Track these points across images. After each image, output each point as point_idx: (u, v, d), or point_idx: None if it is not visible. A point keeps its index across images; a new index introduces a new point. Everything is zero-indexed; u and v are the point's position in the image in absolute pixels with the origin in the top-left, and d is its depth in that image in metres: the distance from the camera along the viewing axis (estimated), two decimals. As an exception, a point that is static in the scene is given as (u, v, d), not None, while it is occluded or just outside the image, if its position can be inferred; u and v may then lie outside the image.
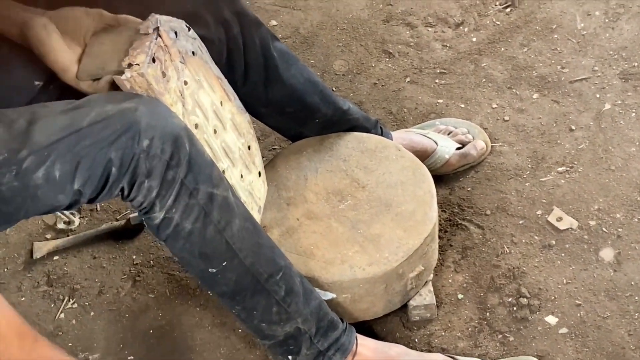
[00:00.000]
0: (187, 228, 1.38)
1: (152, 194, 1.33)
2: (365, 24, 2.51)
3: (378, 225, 1.68)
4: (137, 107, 1.30)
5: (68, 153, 1.26)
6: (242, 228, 1.43)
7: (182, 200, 1.35)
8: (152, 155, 1.29)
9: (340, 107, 1.85)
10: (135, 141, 1.28)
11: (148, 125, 1.29)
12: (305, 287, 1.54)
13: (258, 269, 1.45)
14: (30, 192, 1.27)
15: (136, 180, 1.31)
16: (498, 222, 1.93)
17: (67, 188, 1.28)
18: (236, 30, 1.67)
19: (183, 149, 1.32)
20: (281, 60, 1.75)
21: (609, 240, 1.84)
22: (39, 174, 1.26)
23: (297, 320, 1.52)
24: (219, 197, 1.39)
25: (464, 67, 2.31)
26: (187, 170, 1.34)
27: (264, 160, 2.11)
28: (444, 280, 1.85)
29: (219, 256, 1.42)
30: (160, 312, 1.92)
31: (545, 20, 2.36)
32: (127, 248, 2.06)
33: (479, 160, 2.05)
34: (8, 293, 2.00)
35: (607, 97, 2.12)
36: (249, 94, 1.75)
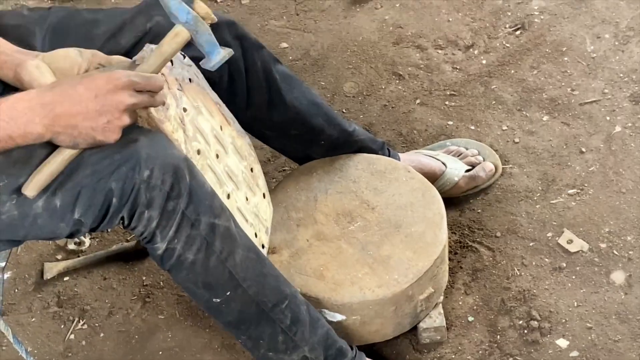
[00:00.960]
0: (189, 258, 1.38)
1: (152, 224, 1.33)
2: (375, 46, 2.51)
3: (388, 246, 1.68)
4: (137, 137, 1.30)
5: (69, 182, 1.27)
6: (246, 258, 1.43)
7: (184, 231, 1.35)
8: (153, 185, 1.30)
9: (346, 129, 1.85)
10: (136, 172, 1.28)
11: (148, 156, 1.29)
12: (312, 315, 1.53)
13: (262, 298, 1.45)
14: (29, 221, 1.29)
15: (136, 210, 1.31)
16: (508, 244, 1.92)
17: (67, 217, 1.29)
18: (237, 54, 1.67)
19: (183, 180, 1.33)
20: (284, 82, 1.75)
21: (620, 263, 1.83)
22: (39, 203, 1.27)
23: (304, 348, 1.51)
24: (220, 227, 1.39)
25: (474, 89, 2.31)
26: (187, 201, 1.34)
27: (274, 181, 2.12)
28: (454, 303, 1.84)
29: (222, 286, 1.43)
30: (169, 333, 1.92)
31: (555, 42, 2.37)
32: (137, 269, 2.06)
33: (488, 182, 2.04)
34: (18, 313, 2.01)
35: (618, 120, 2.12)
36: (253, 117, 1.76)
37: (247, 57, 1.69)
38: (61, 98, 1.23)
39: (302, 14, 2.70)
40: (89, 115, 1.23)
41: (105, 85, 1.23)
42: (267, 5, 2.75)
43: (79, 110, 1.22)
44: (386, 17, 2.60)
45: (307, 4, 2.73)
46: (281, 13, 2.72)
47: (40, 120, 1.22)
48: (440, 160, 2.00)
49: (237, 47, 1.67)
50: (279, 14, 2.71)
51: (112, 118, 1.24)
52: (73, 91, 1.23)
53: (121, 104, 1.24)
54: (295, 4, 2.74)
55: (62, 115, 1.22)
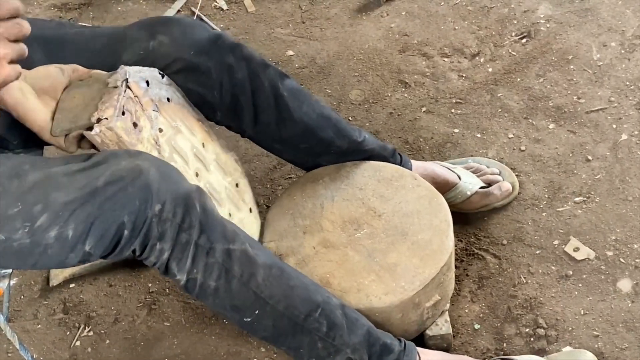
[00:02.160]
0: (212, 286, 1.40)
1: (163, 256, 1.36)
2: (381, 54, 2.52)
3: (394, 254, 1.68)
4: (149, 169, 1.32)
5: (82, 213, 1.28)
6: (269, 276, 1.44)
7: (201, 260, 1.38)
8: (164, 219, 1.32)
9: (355, 139, 1.85)
10: (148, 205, 1.30)
11: (159, 190, 1.31)
12: (349, 317, 1.52)
13: (293, 311, 1.46)
14: (40, 250, 1.30)
15: (148, 242, 1.34)
16: (515, 252, 1.92)
17: (78, 248, 1.31)
18: (241, 75, 1.67)
19: (194, 211, 1.35)
20: (292, 98, 1.75)
21: (627, 271, 1.83)
22: (52, 233, 1.28)
23: (346, 351, 1.51)
24: (236, 252, 1.41)
25: (480, 97, 2.31)
26: (200, 232, 1.36)
27: (280, 188, 2.13)
28: (460, 310, 1.84)
29: (250, 307, 1.45)
30: (175, 340, 1.91)
31: (561, 51, 2.37)
32: (143, 276, 2.06)
33: (503, 202, 2.01)
34: (24, 320, 2.01)
35: (624, 128, 2.12)
36: (261, 133, 1.77)
37: (253, 78, 1.69)
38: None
39: (308, 21, 2.70)
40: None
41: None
42: (273, 13, 2.76)
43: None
44: (392, 25, 2.60)
45: (313, 11, 2.73)
46: (287, 21, 2.73)
47: None
48: (456, 173, 1.99)
49: (244, 69, 1.68)
50: (285, 22, 2.72)
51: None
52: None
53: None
54: (302, 11, 2.74)
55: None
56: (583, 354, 1.67)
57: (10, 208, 1.27)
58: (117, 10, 2.92)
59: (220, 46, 1.65)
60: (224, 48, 1.66)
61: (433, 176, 1.95)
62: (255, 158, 2.27)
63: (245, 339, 1.88)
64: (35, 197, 1.28)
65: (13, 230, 1.28)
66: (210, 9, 2.83)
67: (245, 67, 1.68)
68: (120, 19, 2.87)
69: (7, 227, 1.28)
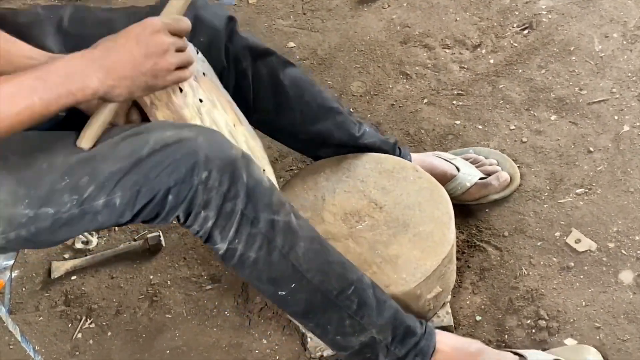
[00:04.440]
0: (251, 257, 1.41)
1: (207, 224, 1.36)
2: (382, 45, 2.51)
3: (395, 246, 1.68)
4: (197, 137, 1.32)
5: (128, 181, 1.30)
6: (308, 249, 1.45)
7: (244, 230, 1.38)
8: (210, 187, 1.33)
9: (354, 134, 1.85)
10: (195, 172, 1.31)
11: (207, 157, 1.31)
12: (379, 297, 1.53)
13: (328, 286, 1.47)
14: (89, 217, 1.32)
15: (192, 210, 1.34)
16: (516, 243, 1.92)
17: (126, 214, 1.33)
18: (245, 63, 1.69)
19: (240, 180, 1.35)
20: (293, 87, 1.76)
21: (628, 262, 1.83)
22: (100, 201, 1.30)
23: (372, 330, 1.52)
24: (280, 222, 1.41)
25: (482, 89, 2.31)
26: (246, 201, 1.36)
27: (282, 180, 2.13)
28: (461, 302, 1.84)
29: (286, 279, 1.45)
30: (177, 332, 1.92)
31: (563, 42, 2.36)
32: (144, 268, 2.06)
33: (502, 193, 2.01)
34: (26, 312, 2.01)
35: (626, 119, 2.11)
36: (260, 121, 1.78)
37: (254, 66, 1.71)
38: (107, 52, 1.27)
39: (309, 13, 2.70)
40: (137, 61, 1.27)
41: (142, 31, 1.28)
42: (275, 4, 2.76)
43: (126, 58, 1.26)
44: (393, 16, 2.60)
45: (314, 3, 2.73)
46: (288, 12, 2.72)
47: (94, 74, 1.25)
48: (455, 165, 1.99)
49: (246, 58, 1.69)
50: (286, 14, 2.71)
51: (158, 59, 1.28)
52: (115, 44, 1.28)
53: (164, 44, 1.28)
54: (303, 3, 2.74)
55: (112, 67, 1.26)
56: (586, 349, 1.67)
57: (57, 183, 1.29)
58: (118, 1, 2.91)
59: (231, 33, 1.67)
60: (235, 34, 1.67)
61: (431, 168, 1.94)
62: (257, 150, 2.27)
63: (247, 331, 1.88)
64: (81, 170, 1.30)
65: (62, 204, 1.30)
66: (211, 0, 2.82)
67: (249, 56, 1.69)
68: (121, 11, 2.86)
69: (55, 201, 1.30)
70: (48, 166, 1.30)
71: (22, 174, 1.30)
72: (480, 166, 2.04)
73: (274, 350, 1.84)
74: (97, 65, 1.25)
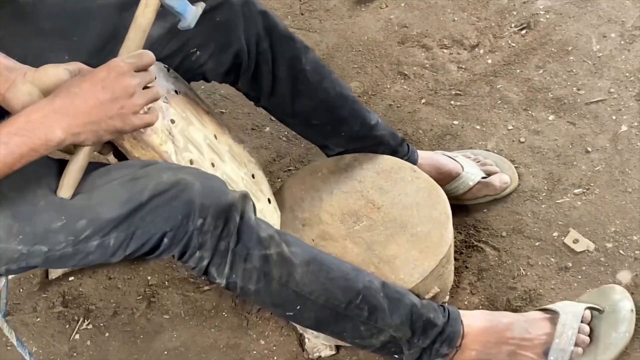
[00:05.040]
0: (251, 289, 1.43)
1: (203, 263, 1.39)
2: (380, 45, 2.51)
3: (393, 246, 1.68)
4: (194, 183, 1.34)
5: (125, 225, 1.31)
6: (307, 273, 1.46)
7: (239, 267, 1.40)
8: (205, 231, 1.35)
9: (368, 122, 1.86)
10: (190, 219, 1.33)
11: (202, 205, 1.33)
12: (391, 298, 1.54)
13: (334, 302, 1.48)
14: (81, 256, 1.33)
15: (187, 250, 1.37)
16: (514, 244, 1.92)
17: (118, 253, 1.34)
18: (266, 44, 1.69)
19: (233, 221, 1.37)
20: (313, 73, 1.76)
21: (626, 262, 1.83)
22: (94, 242, 1.31)
23: (389, 330, 1.53)
24: (272, 256, 1.43)
25: (480, 89, 2.31)
26: (237, 240, 1.39)
27: (279, 181, 2.12)
28: (459, 302, 1.84)
29: (291, 303, 1.47)
30: (174, 333, 1.92)
31: (560, 42, 2.36)
32: (142, 269, 2.06)
33: (502, 194, 2.01)
34: (23, 313, 2.01)
35: (624, 119, 2.11)
36: (275, 104, 1.79)
37: (275, 48, 1.70)
38: (70, 100, 1.24)
39: (307, 13, 2.70)
40: (103, 106, 1.25)
41: (107, 75, 1.26)
42: (272, 5, 2.75)
43: (91, 104, 1.24)
44: (391, 16, 2.60)
45: (311, 3, 2.72)
46: (286, 12, 2.72)
47: (58, 126, 1.23)
48: (459, 163, 1.99)
49: (266, 38, 1.69)
50: (284, 14, 2.71)
51: (124, 102, 1.26)
52: (79, 89, 1.25)
53: (130, 87, 1.27)
54: (300, 3, 2.74)
55: (77, 115, 1.24)
56: (611, 289, 1.71)
57: (54, 222, 1.29)
58: None
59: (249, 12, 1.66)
60: (253, 13, 1.67)
61: (438, 166, 1.95)
62: (254, 151, 2.26)
63: (245, 332, 1.88)
64: (79, 212, 1.30)
65: (56, 243, 1.30)
66: (208, 0, 2.82)
67: (268, 37, 1.69)
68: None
69: (51, 240, 1.30)
70: (45, 204, 1.30)
71: (19, 209, 1.30)
72: (482, 165, 2.04)
73: (272, 351, 1.84)
74: (59, 115, 1.23)
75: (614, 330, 1.65)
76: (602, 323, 1.66)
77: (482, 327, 1.62)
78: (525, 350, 1.61)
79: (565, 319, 1.62)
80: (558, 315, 1.63)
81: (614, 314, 1.67)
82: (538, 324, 1.64)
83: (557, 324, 1.62)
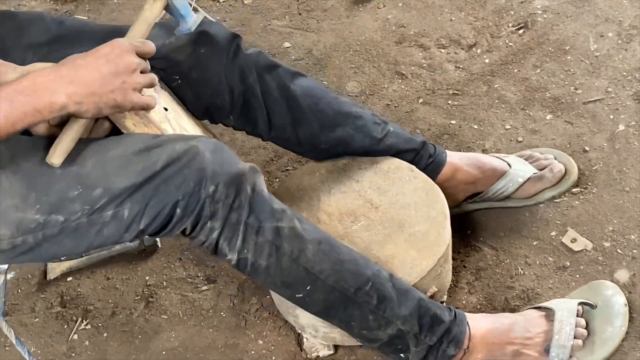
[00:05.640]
0: (262, 264, 1.44)
1: (213, 234, 1.39)
2: (378, 45, 2.51)
3: (391, 246, 1.68)
4: (205, 151, 1.35)
5: (139, 195, 1.33)
6: (318, 251, 1.47)
7: (251, 239, 1.41)
8: (217, 199, 1.36)
9: (375, 136, 1.82)
10: (202, 187, 1.34)
11: (214, 172, 1.35)
12: (399, 289, 1.54)
13: (343, 284, 1.49)
14: (96, 229, 1.34)
15: (199, 221, 1.37)
16: (512, 243, 1.92)
17: (132, 227, 1.35)
18: (252, 78, 1.69)
19: (244, 191, 1.39)
20: (305, 97, 1.74)
21: (624, 261, 1.83)
22: (109, 212, 1.33)
23: (397, 322, 1.53)
24: (285, 229, 1.44)
25: (477, 89, 2.31)
26: (249, 211, 1.40)
27: (277, 180, 2.13)
28: (457, 302, 1.84)
29: (301, 282, 1.48)
30: (173, 333, 1.92)
31: (558, 41, 2.36)
32: (140, 269, 2.06)
33: (560, 188, 1.95)
34: (21, 314, 2.01)
35: (621, 119, 2.11)
36: (279, 138, 1.78)
37: (261, 81, 1.70)
38: (75, 69, 1.28)
39: (304, 13, 2.70)
40: (106, 80, 1.29)
41: (111, 51, 1.31)
42: (270, 5, 2.76)
43: (95, 76, 1.28)
44: (389, 16, 2.60)
45: (309, 3, 2.73)
46: (284, 13, 2.72)
47: (63, 90, 1.26)
48: (505, 161, 1.94)
49: (253, 71, 1.69)
50: (282, 14, 2.71)
51: (126, 78, 1.30)
52: (84, 62, 1.29)
53: (131, 64, 1.31)
54: (298, 3, 2.74)
55: (80, 84, 1.27)
56: (603, 285, 1.72)
57: (70, 191, 1.31)
58: (113, 2, 2.91)
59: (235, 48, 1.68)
60: (239, 50, 1.69)
61: (479, 165, 1.91)
62: (252, 150, 2.27)
63: (243, 332, 1.88)
64: (95, 181, 1.32)
65: (72, 212, 1.32)
66: (206, 0, 2.82)
67: (255, 70, 1.70)
68: (116, 12, 2.86)
69: (67, 209, 1.31)
70: (62, 173, 1.32)
71: (35, 180, 1.31)
72: (535, 161, 1.98)
73: (270, 351, 1.84)
74: (65, 82, 1.27)
75: (610, 325, 1.66)
76: (595, 318, 1.67)
77: (487, 329, 1.62)
78: (528, 349, 1.62)
79: (561, 315, 1.63)
80: (553, 312, 1.64)
81: (608, 308, 1.68)
82: (536, 322, 1.65)
83: (554, 321, 1.63)
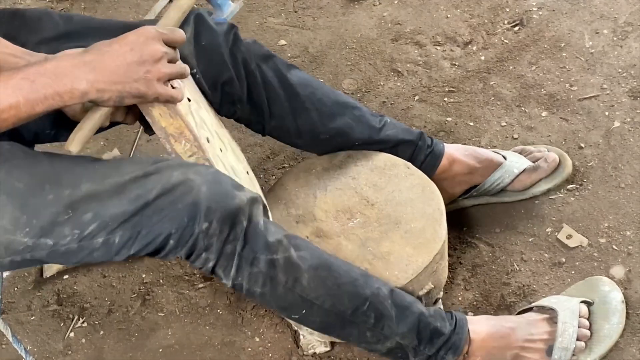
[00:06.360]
0: (257, 292, 1.43)
1: (209, 264, 1.38)
2: (374, 43, 2.51)
3: (387, 242, 1.68)
4: (201, 186, 1.32)
5: (130, 223, 1.31)
6: (314, 278, 1.45)
7: (245, 270, 1.40)
8: (211, 234, 1.34)
9: (374, 125, 1.83)
10: (196, 222, 1.32)
11: (208, 208, 1.32)
12: (399, 305, 1.54)
13: (340, 307, 1.48)
14: (85, 253, 1.33)
15: (193, 252, 1.36)
16: (508, 239, 1.92)
17: (122, 252, 1.33)
18: (253, 65, 1.70)
19: (240, 225, 1.36)
20: (303, 87, 1.75)
21: (619, 258, 1.83)
22: (99, 239, 1.31)
23: (395, 338, 1.53)
24: (279, 260, 1.42)
25: (473, 86, 2.31)
26: (243, 243, 1.37)
27: (273, 178, 2.13)
28: (453, 298, 1.84)
29: (296, 307, 1.47)
30: (169, 331, 1.92)
31: (553, 38, 2.37)
32: (136, 267, 2.06)
33: (555, 180, 1.96)
34: (18, 312, 2.01)
35: (616, 115, 2.12)
36: (279, 128, 1.78)
37: (259, 68, 1.71)
38: (100, 56, 1.26)
39: (300, 11, 2.70)
40: (130, 68, 1.26)
41: (137, 39, 1.27)
42: (266, 2, 2.75)
43: (118, 63, 1.25)
44: (384, 13, 2.60)
45: (305, 1, 2.73)
46: (279, 10, 2.72)
47: (84, 76, 1.24)
48: (500, 154, 1.96)
49: (252, 60, 1.70)
50: (277, 12, 2.71)
51: (150, 67, 1.27)
52: (109, 49, 1.27)
53: (157, 52, 1.27)
54: (294, 1, 2.74)
55: (104, 71, 1.25)
56: (599, 281, 1.73)
57: (60, 215, 1.29)
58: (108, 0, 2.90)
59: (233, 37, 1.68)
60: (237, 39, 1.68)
61: (475, 156, 1.92)
62: (249, 148, 2.27)
63: (239, 329, 1.88)
64: (86, 206, 1.30)
65: (61, 237, 1.30)
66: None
67: (254, 59, 1.70)
68: (112, 9, 2.86)
69: (56, 233, 1.30)
70: (54, 197, 1.30)
71: (27, 201, 1.30)
72: (529, 154, 1.99)
73: (267, 348, 1.84)
74: (89, 68, 1.25)
75: (607, 322, 1.66)
76: (593, 315, 1.67)
77: (487, 333, 1.62)
78: (529, 352, 1.62)
79: (564, 317, 1.63)
80: (557, 314, 1.64)
81: (605, 305, 1.68)
82: (539, 324, 1.64)
83: (558, 323, 1.62)
